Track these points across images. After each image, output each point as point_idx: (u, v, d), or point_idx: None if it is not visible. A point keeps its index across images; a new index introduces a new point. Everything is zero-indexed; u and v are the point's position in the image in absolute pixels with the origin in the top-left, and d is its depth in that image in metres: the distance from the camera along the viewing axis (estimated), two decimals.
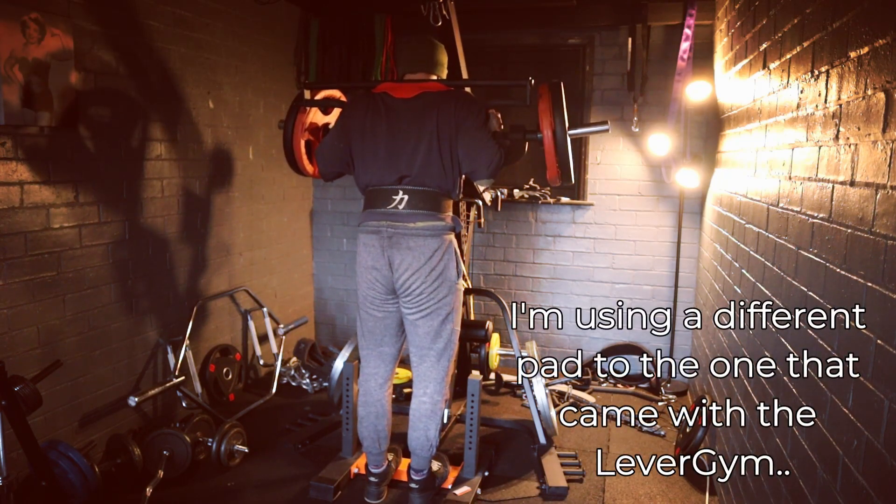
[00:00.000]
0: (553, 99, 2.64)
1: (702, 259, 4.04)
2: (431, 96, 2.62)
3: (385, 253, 2.60)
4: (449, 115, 2.56)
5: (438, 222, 2.60)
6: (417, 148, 2.58)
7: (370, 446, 2.81)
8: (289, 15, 4.46)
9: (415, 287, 2.59)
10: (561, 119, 2.64)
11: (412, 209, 2.59)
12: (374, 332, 2.76)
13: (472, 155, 2.56)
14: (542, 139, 2.67)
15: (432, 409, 2.73)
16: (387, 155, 2.61)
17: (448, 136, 2.57)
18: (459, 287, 2.72)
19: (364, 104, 2.68)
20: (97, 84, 2.95)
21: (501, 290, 4.65)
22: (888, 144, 1.30)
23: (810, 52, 1.85)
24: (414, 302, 2.62)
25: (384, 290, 2.66)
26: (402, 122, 2.61)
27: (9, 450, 2.33)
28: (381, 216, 2.62)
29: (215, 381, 3.81)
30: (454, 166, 2.61)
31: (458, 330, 2.78)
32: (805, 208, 1.83)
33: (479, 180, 2.64)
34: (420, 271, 2.57)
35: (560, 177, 2.76)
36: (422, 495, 2.78)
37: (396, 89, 2.66)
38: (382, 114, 2.63)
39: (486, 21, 4.30)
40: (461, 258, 2.77)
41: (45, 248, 2.74)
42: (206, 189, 3.73)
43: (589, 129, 2.87)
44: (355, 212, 4.92)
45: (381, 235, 2.60)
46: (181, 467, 2.95)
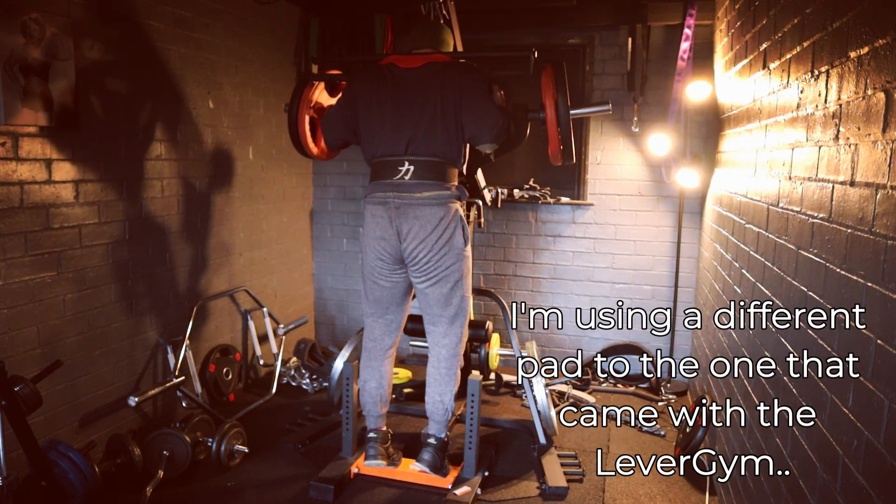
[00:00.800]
0: (556, 75, 2.68)
1: (702, 259, 4.04)
2: (437, 65, 2.68)
3: (393, 223, 2.66)
4: (454, 82, 2.62)
5: (444, 191, 2.66)
6: (422, 115, 2.63)
7: (372, 409, 2.89)
8: (289, 15, 4.46)
9: (423, 255, 2.65)
10: (564, 94, 2.67)
11: (418, 179, 2.65)
12: (381, 301, 2.84)
13: (474, 118, 2.61)
14: (545, 115, 2.71)
15: (447, 374, 2.81)
16: (393, 124, 2.67)
17: (453, 102, 2.62)
18: (468, 254, 2.79)
19: (371, 73, 2.74)
20: (97, 84, 2.95)
21: (501, 290, 4.65)
22: (888, 144, 1.30)
23: (810, 52, 1.85)
24: (422, 270, 2.69)
25: (392, 259, 2.72)
26: (408, 91, 2.67)
27: (9, 450, 2.33)
28: (388, 187, 2.68)
29: (215, 381, 3.81)
30: (459, 134, 2.67)
31: (469, 297, 2.86)
32: (805, 208, 1.83)
33: (482, 145, 2.69)
34: (427, 240, 2.63)
35: (562, 153, 2.78)
36: (431, 454, 2.83)
37: (403, 60, 2.73)
38: (389, 83, 2.68)
39: (486, 21, 4.30)
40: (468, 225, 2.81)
41: (45, 248, 2.74)
42: (206, 189, 3.73)
43: (591, 108, 2.90)
44: (355, 212, 4.92)
45: (389, 206, 2.66)
46: (181, 467, 2.95)
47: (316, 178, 4.97)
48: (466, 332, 2.93)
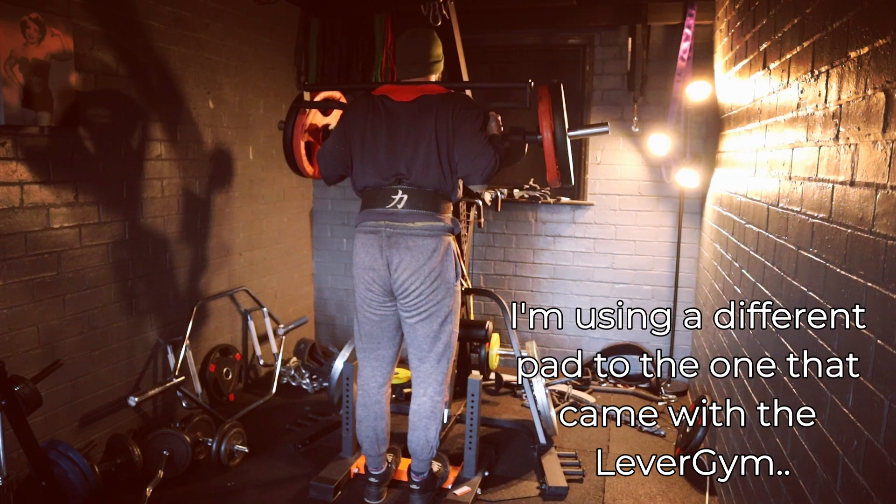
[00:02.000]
0: (553, 101, 2.64)
1: (702, 259, 4.04)
2: (431, 99, 2.61)
3: (384, 253, 2.58)
4: (447, 118, 2.56)
5: (437, 223, 2.59)
6: (417, 151, 2.57)
7: (369, 448, 2.80)
8: (289, 15, 4.46)
9: (413, 288, 2.57)
10: (561, 121, 2.63)
11: (411, 209, 2.58)
12: (372, 335, 2.75)
13: (467, 160, 2.54)
14: (542, 141, 2.67)
15: (432, 411, 2.73)
16: (386, 157, 2.60)
17: (446, 139, 2.56)
18: (458, 289, 2.71)
19: (364, 107, 2.67)
20: (97, 84, 2.95)
21: (501, 290, 4.65)
22: (888, 144, 1.30)
23: (810, 52, 1.85)
24: (412, 304, 2.60)
25: (382, 291, 2.65)
26: (401, 125, 2.60)
27: (9, 450, 2.34)
28: (381, 216, 2.60)
29: (215, 381, 3.81)
30: (452, 169, 2.60)
31: (457, 332, 2.77)
32: (805, 208, 1.83)
33: (473, 185, 2.63)
34: (419, 272, 2.55)
35: (560, 178, 2.76)
36: (422, 496, 2.78)
37: (396, 92, 2.66)
38: (382, 116, 2.62)
39: (486, 21, 4.30)
40: (460, 259, 2.76)
41: (45, 248, 2.74)
42: (206, 189, 3.73)
43: (588, 130, 2.87)
44: (355, 212, 4.91)
45: (380, 235, 2.58)
46: (181, 467, 2.95)
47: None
48: (453, 368, 2.85)
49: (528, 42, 4.47)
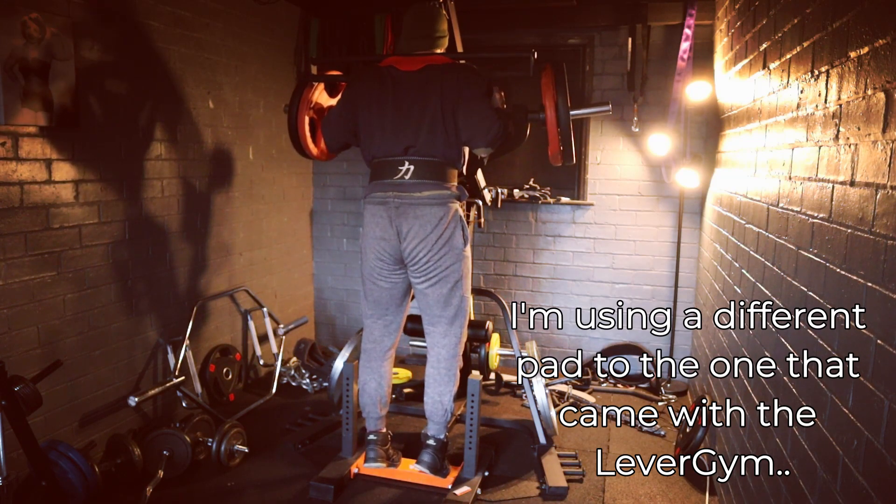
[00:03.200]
0: (556, 76, 2.67)
1: (702, 259, 4.04)
2: (436, 68, 2.68)
3: (393, 223, 2.66)
4: (452, 85, 2.62)
5: (444, 191, 2.67)
6: (422, 118, 2.63)
7: (371, 410, 2.89)
8: (289, 15, 4.46)
9: (422, 255, 2.65)
10: (563, 95, 2.67)
11: (418, 179, 2.65)
12: (380, 302, 2.84)
13: (470, 121, 2.61)
14: (545, 115, 2.70)
15: (447, 374, 2.82)
16: (393, 126, 2.67)
17: (452, 105, 2.62)
18: (467, 254, 2.79)
19: (371, 76, 2.74)
20: (97, 84, 2.95)
21: (501, 290, 4.65)
22: (888, 144, 1.30)
23: (810, 52, 1.85)
24: (422, 270, 2.69)
25: (392, 259, 2.72)
26: (407, 94, 2.67)
27: (9, 450, 2.33)
28: (388, 187, 2.68)
29: (215, 381, 3.81)
30: (458, 136, 2.67)
31: (469, 297, 2.86)
32: (805, 208, 1.83)
33: (478, 148, 2.69)
34: (427, 239, 2.63)
35: (562, 154, 2.77)
36: (433, 453, 2.83)
37: (402, 62, 2.73)
38: (389, 86, 2.69)
39: (486, 21, 4.30)
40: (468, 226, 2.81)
41: (45, 248, 2.74)
42: (206, 189, 3.73)
43: (591, 109, 2.89)
44: (355, 212, 4.92)
45: (389, 206, 2.66)
46: (181, 467, 2.95)
47: (316, 178, 4.97)
48: (466, 332, 2.93)
49: (528, 42, 4.47)
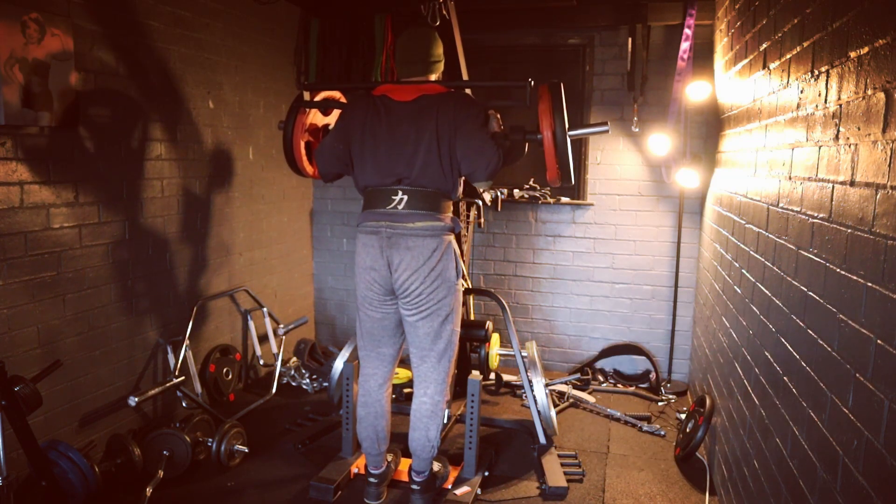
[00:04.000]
0: (553, 100, 2.64)
1: (702, 259, 4.04)
2: (431, 98, 2.61)
3: (384, 253, 2.59)
4: (448, 116, 2.56)
5: (437, 223, 2.60)
6: (417, 150, 2.57)
7: (369, 447, 2.80)
8: (289, 15, 4.46)
9: (413, 287, 2.58)
10: (561, 120, 2.63)
11: (411, 209, 2.59)
12: (373, 333, 2.76)
13: (470, 157, 2.55)
14: (542, 140, 2.67)
15: (433, 410, 2.73)
16: (386, 157, 2.61)
17: (447, 137, 2.56)
18: (459, 288, 2.72)
19: (363, 106, 2.67)
20: (97, 84, 2.95)
21: (501, 290, 4.65)
22: (888, 144, 1.30)
23: (810, 52, 1.85)
24: (413, 303, 2.61)
25: (382, 290, 2.65)
26: (401, 125, 2.60)
27: (9, 450, 2.33)
28: (381, 216, 2.61)
29: (215, 381, 3.81)
30: (453, 168, 2.61)
31: (459, 331, 2.77)
32: (805, 208, 1.83)
33: (477, 182, 2.63)
34: (419, 271, 2.56)
35: (560, 178, 2.76)
36: (423, 496, 2.78)
37: (396, 91, 2.66)
38: (382, 116, 2.62)
39: (486, 21, 4.30)
40: (461, 258, 2.76)
41: (45, 248, 2.74)
42: (206, 189, 3.73)
43: (589, 129, 2.87)
44: (355, 212, 4.92)
45: (381, 235, 2.60)
46: (181, 467, 2.95)
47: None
48: (454, 368, 2.86)
49: (528, 42, 4.47)
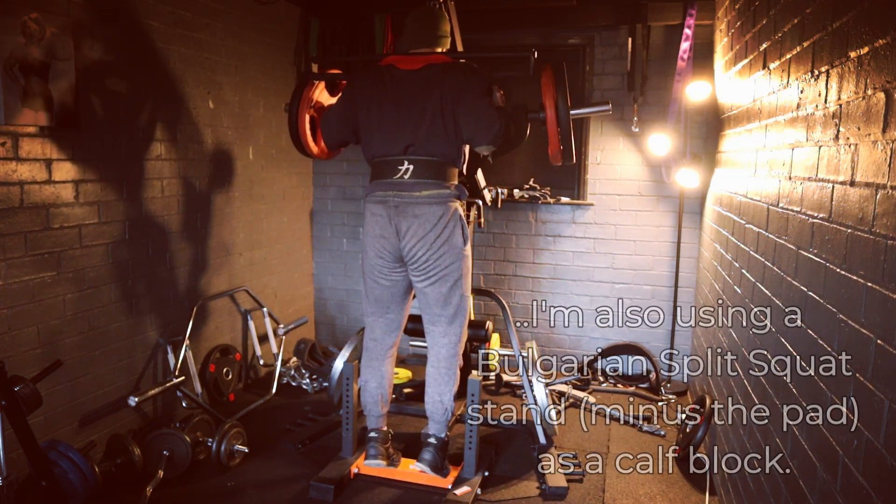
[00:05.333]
0: (556, 76, 2.68)
1: (702, 259, 4.04)
2: (436, 67, 2.69)
3: (392, 221, 2.67)
4: (453, 83, 2.63)
5: (443, 190, 2.67)
6: (422, 117, 2.64)
7: (372, 408, 2.89)
8: (289, 15, 4.46)
9: (421, 254, 2.66)
10: (563, 95, 2.67)
11: (417, 178, 2.66)
12: (381, 300, 2.84)
13: (472, 119, 2.62)
14: (545, 115, 2.71)
15: (447, 373, 2.82)
16: (392, 125, 2.68)
17: (452, 104, 2.63)
18: (467, 254, 2.79)
19: (371, 75, 2.75)
20: (97, 84, 2.95)
21: (501, 290, 4.65)
22: (888, 144, 1.30)
23: (810, 52, 1.85)
24: (421, 269, 2.69)
25: (392, 258, 2.73)
26: (407, 93, 2.67)
27: (9, 450, 2.33)
28: (388, 186, 2.69)
29: (215, 381, 3.81)
30: (458, 134, 2.68)
31: (469, 297, 2.86)
32: (805, 208, 1.83)
33: (480, 146, 2.71)
34: (426, 238, 2.64)
35: (562, 154, 2.78)
36: (432, 453, 2.83)
37: (402, 61, 2.74)
38: (388, 84, 2.69)
39: (486, 21, 4.30)
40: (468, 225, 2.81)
41: (45, 248, 2.74)
42: (206, 189, 3.73)
43: (591, 108, 2.90)
44: (355, 212, 4.92)
45: (388, 205, 2.67)
46: (181, 467, 2.95)
47: (316, 178, 4.97)
48: (466, 331, 2.93)
49: (528, 42, 4.47)
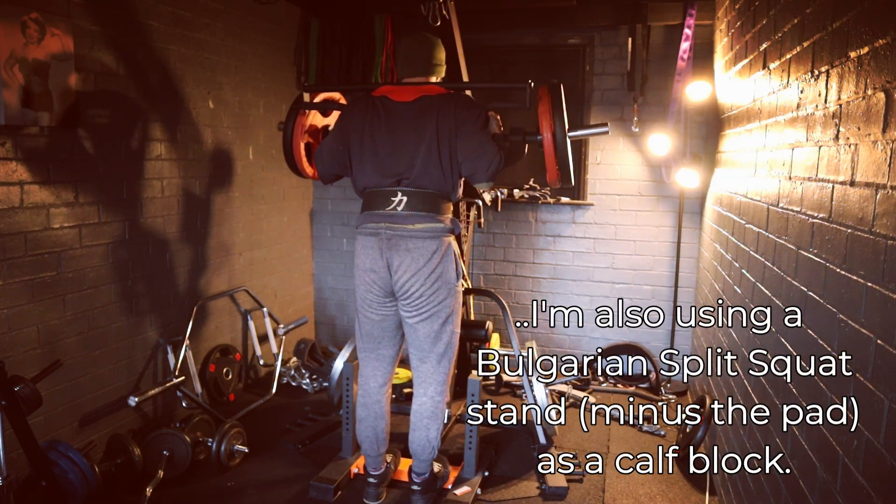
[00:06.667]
0: (553, 101, 2.64)
1: (702, 259, 4.04)
2: (431, 99, 2.60)
3: (384, 255, 2.58)
4: (448, 117, 2.55)
5: (437, 224, 2.59)
6: (417, 151, 2.56)
7: (368, 449, 2.80)
8: (289, 15, 4.46)
9: (414, 289, 2.57)
10: (561, 121, 2.63)
11: (411, 210, 2.57)
12: (373, 335, 2.75)
13: (471, 157, 2.54)
14: (542, 142, 2.67)
15: (433, 411, 2.72)
16: (386, 156, 2.60)
17: (447, 138, 2.55)
18: (459, 289, 2.71)
19: (363, 107, 2.66)
20: (97, 84, 2.95)
21: (501, 290, 4.65)
22: (888, 144, 1.30)
23: (810, 52, 1.85)
24: (413, 305, 2.60)
25: (382, 292, 2.65)
26: (401, 126, 2.59)
27: (9, 450, 2.33)
28: (380, 218, 2.60)
29: (215, 381, 3.81)
30: (453, 169, 2.60)
31: (458, 332, 2.76)
32: (805, 208, 1.83)
33: (479, 183, 2.62)
34: (419, 273, 2.55)
35: (560, 179, 2.76)
36: (423, 497, 2.77)
37: (396, 92, 2.65)
38: (382, 117, 2.61)
39: (486, 21, 4.30)
40: (461, 259, 2.76)
41: (45, 248, 2.74)
42: (206, 189, 3.73)
43: (588, 130, 2.87)
44: (355, 212, 4.91)
45: (381, 237, 2.58)
46: (181, 467, 2.95)
47: None
48: (454, 369, 2.85)
49: (528, 42, 4.47)
